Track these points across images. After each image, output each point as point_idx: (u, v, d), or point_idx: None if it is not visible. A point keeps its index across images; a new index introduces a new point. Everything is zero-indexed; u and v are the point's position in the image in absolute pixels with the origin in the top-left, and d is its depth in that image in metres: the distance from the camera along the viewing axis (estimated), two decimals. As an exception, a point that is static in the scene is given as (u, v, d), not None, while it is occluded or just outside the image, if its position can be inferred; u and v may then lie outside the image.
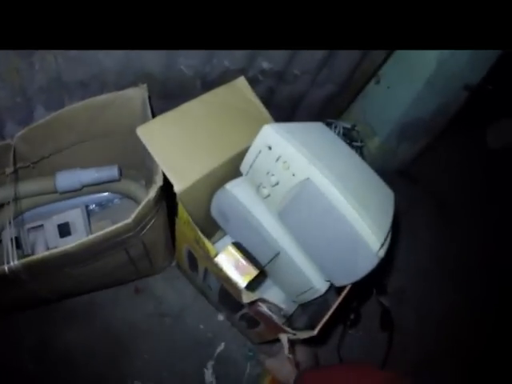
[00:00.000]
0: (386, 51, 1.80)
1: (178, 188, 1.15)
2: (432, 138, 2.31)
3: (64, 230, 1.51)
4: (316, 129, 1.27)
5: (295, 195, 1.13)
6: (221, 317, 1.75)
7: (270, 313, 1.17)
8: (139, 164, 1.44)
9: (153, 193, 1.16)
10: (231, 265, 1.22)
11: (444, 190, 2.63)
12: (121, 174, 1.54)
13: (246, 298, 1.14)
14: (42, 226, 1.51)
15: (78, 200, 1.62)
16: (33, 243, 1.49)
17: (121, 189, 1.62)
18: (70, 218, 1.53)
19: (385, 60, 1.89)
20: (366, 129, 2.11)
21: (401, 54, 1.86)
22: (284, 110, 1.87)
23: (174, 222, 1.38)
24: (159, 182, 1.17)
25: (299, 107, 1.93)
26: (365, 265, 1.06)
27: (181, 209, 1.23)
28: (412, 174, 2.57)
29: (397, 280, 2.13)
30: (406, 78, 1.87)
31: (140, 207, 1.14)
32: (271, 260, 1.27)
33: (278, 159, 1.13)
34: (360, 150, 2.11)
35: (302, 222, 1.16)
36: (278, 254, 1.25)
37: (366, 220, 1.03)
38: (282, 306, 1.38)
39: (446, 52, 1.68)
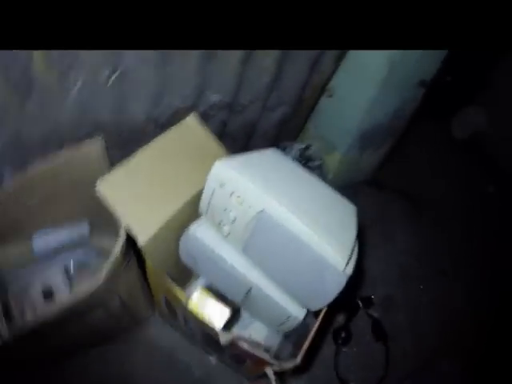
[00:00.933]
0: (334, 63, 1.81)
1: (141, 240, 1.14)
2: (395, 141, 2.33)
3: (48, 293, 1.51)
4: (268, 156, 1.27)
5: (253, 228, 1.12)
6: (213, 359, 1.72)
7: (250, 349, 1.16)
8: (110, 214, 1.44)
9: (118, 248, 1.16)
10: (204, 308, 1.21)
11: (416, 189, 2.65)
12: (89, 230, 1.56)
13: (224, 338, 1.13)
14: (26, 290, 1.50)
15: (57, 259, 1.61)
16: (20, 309, 1.48)
17: (92, 244, 1.62)
18: (52, 280, 1.53)
19: (333, 72, 1.89)
20: (326, 145, 2.11)
21: (350, 64, 1.86)
22: (239, 140, 1.87)
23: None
24: (122, 236, 1.17)
25: (254, 135, 1.94)
26: (334, 285, 1.06)
27: (147, 260, 1.22)
28: (379, 180, 2.58)
29: (381, 289, 2.13)
30: (359, 86, 1.87)
31: (108, 265, 1.15)
32: (245, 297, 1.26)
33: (231, 194, 1.12)
34: (319, 168, 2.11)
35: (265, 254, 1.16)
36: (250, 290, 1.25)
37: (326, 241, 1.03)
38: (263, 339, 1.37)
39: (397, 52, 1.68)
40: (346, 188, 1.93)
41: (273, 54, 1.56)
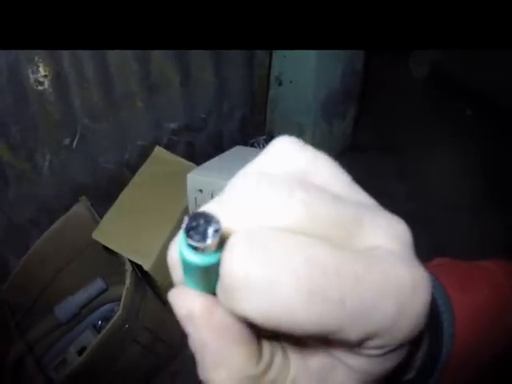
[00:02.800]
0: (268, 51, 1.87)
1: (146, 266, 1.22)
2: (358, 101, 2.36)
3: (82, 350, 1.54)
4: (234, 153, 1.33)
5: None
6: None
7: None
8: (119, 265, 1.50)
9: (128, 280, 1.22)
10: None
11: (397, 139, 2.66)
12: (107, 283, 1.59)
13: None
14: (65, 359, 1.54)
15: (85, 322, 1.67)
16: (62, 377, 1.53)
17: (112, 297, 1.66)
18: (84, 341, 1.58)
19: (271, 58, 1.95)
20: (293, 128, 2.16)
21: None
22: (211, 154, 1.92)
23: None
24: (129, 268, 1.24)
25: (223, 144, 1.98)
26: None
27: (159, 281, 1.29)
28: (359, 143, 2.61)
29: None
30: (299, 63, 1.93)
31: (123, 297, 1.20)
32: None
33: (212, 195, 1.19)
34: None
35: None
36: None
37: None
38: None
39: None
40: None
41: (208, 65, 1.64)
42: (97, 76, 1.35)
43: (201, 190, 1.18)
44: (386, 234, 0.22)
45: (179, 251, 0.19)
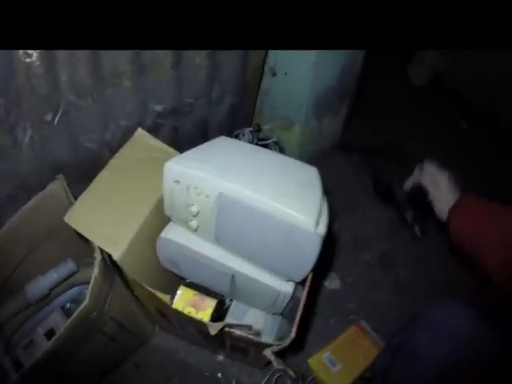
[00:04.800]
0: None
1: (115, 255, 1.17)
2: (352, 100, 2.34)
3: (50, 334, 1.52)
4: (217, 144, 1.29)
5: (218, 214, 1.14)
6: (220, 357, 1.73)
7: (243, 334, 1.17)
8: (91, 249, 1.47)
9: (96, 269, 1.19)
10: (189, 305, 1.24)
11: (388, 142, 2.65)
12: (78, 264, 1.56)
13: (213, 329, 1.14)
14: (32, 340, 1.52)
15: (54, 303, 1.64)
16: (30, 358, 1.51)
17: (82, 279, 1.64)
18: (52, 323, 1.55)
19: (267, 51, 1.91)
20: (283, 122, 2.13)
21: None
22: (196, 140, 1.88)
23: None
24: (98, 256, 1.21)
25: (209, 132, 1.95)
26: (310, 248, 1.08)
27: (127, 274, 1.25)
28: (349, 143, 2.59)
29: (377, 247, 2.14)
30: (298, 56, 1.88)
31: (90, 286, 1.17)
32: (231, 286, 1.28)
33: (188, 189, 1.15)
34: (276, 145, 2.10)
35: (236, 237, 1.18)
36: (233, 277, 1.26)
37: (289, 207, 1.05)
38: (262, 325, 1.38)
39: None
40: (318, 159, 1.92)
41: (203, 51, 1.60)
42: (86, 51, 1.30)
43: (177, 181, 1.14)
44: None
45: None
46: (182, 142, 1.78)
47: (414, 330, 1.19)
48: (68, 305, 1.68)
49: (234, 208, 1.09)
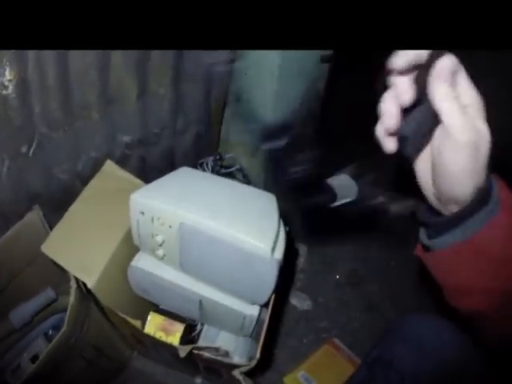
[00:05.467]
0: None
1: (89, 283, 1.23)
2: (315, 124, 2.37)
3: (35, 358, 1.58)
4: (179, 175, 1.36)
5: (181, 243, 1.20)
6: (198, 379, 1.78)
7: (212, 356, 1.23)
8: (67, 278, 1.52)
9: (72, 297, 1.26)
10: (159, 330, 1.30)
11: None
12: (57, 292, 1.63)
13: (182, 352, 1.20)
14: (19, 365, 1.59)
15: (37, 330, 1.70)
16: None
17: (62, 306, 1.68)
18: (37, 349, 1.62)
19: (231, 75, 1.96)
20: (248, 148, 2.15)
21: (245, 63, 1.88)
22: (163, 171, 1.91)
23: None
24: (74, 285, 1.27)
25: (175, 161, 1.99)
26: (267, 274, 1.14)
27: (101, 300, 1.30)
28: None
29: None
30: (260, 81, 1.91)
31: (67, 314, 1.23)
32: (200, 311, 1.33)
33: (152, 220, 1.21)
34: (240, 172, 2.11)
35: (200, 264, 1.24)
36: (201, 302, 1.31)
37: (245, 234, 1.11)
38: (233, 348, 1.44)
39: None
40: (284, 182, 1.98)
41: (165, 79, 1.65)
42: (58, 84, 1.35)
43: (142, 213, 1.19)
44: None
45: None
46: (149, 172, 1.83)
47: (391, 343, 1.20)
48: (50, 332, 1.74)
49: (195, 237, 1.15)
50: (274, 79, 1.84)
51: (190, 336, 1.47)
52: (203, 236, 1.13)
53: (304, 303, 2.07)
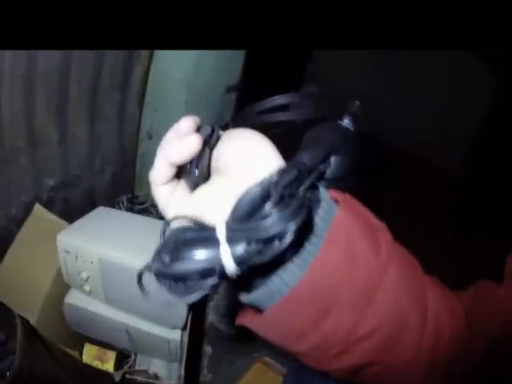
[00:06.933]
0: (138, 105, 1.97)
1: (31, 320, 1.36)
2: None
3: None
4: (96, 215, 1.49)
5: (102, 277, 1.33)
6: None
7: (143, 379, 1.35)
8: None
9: (19, 333, 1.31)
10: (95, 359, 1.41)
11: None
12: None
13: (117, 376, 1.33)
14: None
15: None
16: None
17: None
18: None
19: (141, 114, 2.03)
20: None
21: (153, 101, 1.98)
22: (86, 210, 1.94)
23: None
24: (19, 322, 1.32)
25: (96, 200, 2.07)
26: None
27: (43, 335, 1.41)
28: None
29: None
30: (168, 118, 1.96)
31: (17, 351, 1.29)
32: (129, 340, 1.45)
33: (76, 257, 1.34)
34: (154, 208, 2.11)
35: (122, 295, 1.38)
36: (128, 332, 1.42)
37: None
38: (166, 372, 1.54)
39: (190, 71, 1.81)
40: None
41: (82, 122, 1.77)
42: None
43: (67, 252, 1.31)
44: None
45: None
46: (74, 213, 1.89)
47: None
48: (7, 373, 1.80)
49: (114, 270, 1.29)
50: (181, 113, 1.88)
51: (124, 364, 1.56)
52: (120, 268, 1.27)
53: (231, 326, 2.13)
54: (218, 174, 0.53)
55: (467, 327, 0.54)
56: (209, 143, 0.53)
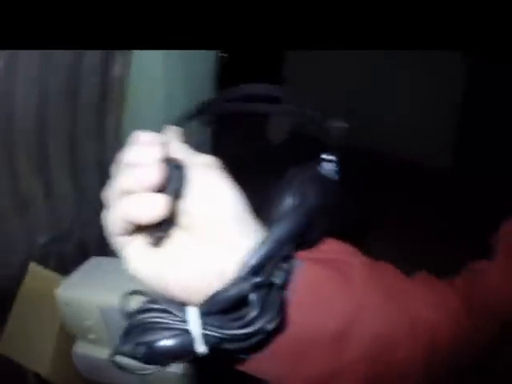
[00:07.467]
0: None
1: (42, 373, 1.42)
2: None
3: None
4: (90, 265, 1.55)
5: (107, 325, 1.38)
6: None
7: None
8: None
9: None
10: None
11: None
12: None
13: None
14: None
15: None
16: None
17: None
18: None
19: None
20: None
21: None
22: (81, 262, 1.97)
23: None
24: (31, 377, 1.45)
25: (90, 251, 2.04)
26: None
27: None
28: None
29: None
30: None
31: None
32: (141, 380, 1.48)
33: (77, 309, 1.40)
34: None
35: None
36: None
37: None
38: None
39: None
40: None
41: (65, 178, 1.83)
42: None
43: (67, 304, 1.36)
44: None
45: None
46: (69, 266, 1.89)
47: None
48: None
49: (115, 316, 1.32)
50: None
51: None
52: (121, 314, 1.29)
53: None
54: (185, 232, 0.46)
55: (467, 316, 0.52)
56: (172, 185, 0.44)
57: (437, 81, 3.34)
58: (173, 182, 0.43)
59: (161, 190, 0.41)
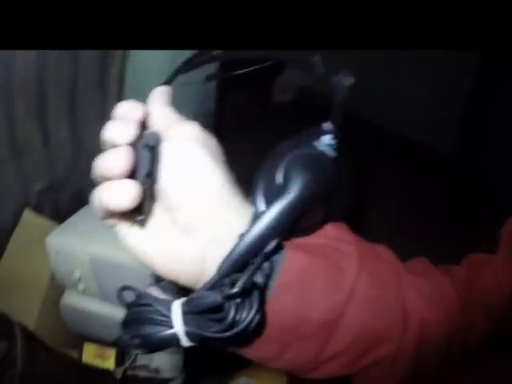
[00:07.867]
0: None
1: (30, 327, 1.37)
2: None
3: None
4: (85, 213, 1.51)
5: (96, 275, 1.35)
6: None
7: (145, 374, 1.36)
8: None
9: (19, 341, 1.32)
10: (96, 357, 1.42)
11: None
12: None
13: (118, 373, 1.34)
14: None
15: None
16: None
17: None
18: None
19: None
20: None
21: (132, 97, 1.95)
22: (75, 211, 1.99)
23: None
24: (17, 329, 1.34)
25: (86, 199, 2.05)
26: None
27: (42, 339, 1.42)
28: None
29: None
30: None
31: (18, 355, 1.30)
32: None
33: (67, 257, 1.36)
34: None
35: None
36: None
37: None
38: (166, 364, 1.56)
39: (166, 64, 1.71)
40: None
41: (64, 125, 1.79)
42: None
43: (58, 252, 1.34)
44: None
45: None
46: (64, 215, 1.90)
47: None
48: None
49: (105, 267, 1.30)
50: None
51: (125, 360, 1.58)
52: (111, 265, 1.28)
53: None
54: (167, 213, 0.46)
55: (461, 311, 0.51)
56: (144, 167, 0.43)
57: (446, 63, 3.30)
58: (145, 164, 0.42)
59: (133, 174, 0.42)
